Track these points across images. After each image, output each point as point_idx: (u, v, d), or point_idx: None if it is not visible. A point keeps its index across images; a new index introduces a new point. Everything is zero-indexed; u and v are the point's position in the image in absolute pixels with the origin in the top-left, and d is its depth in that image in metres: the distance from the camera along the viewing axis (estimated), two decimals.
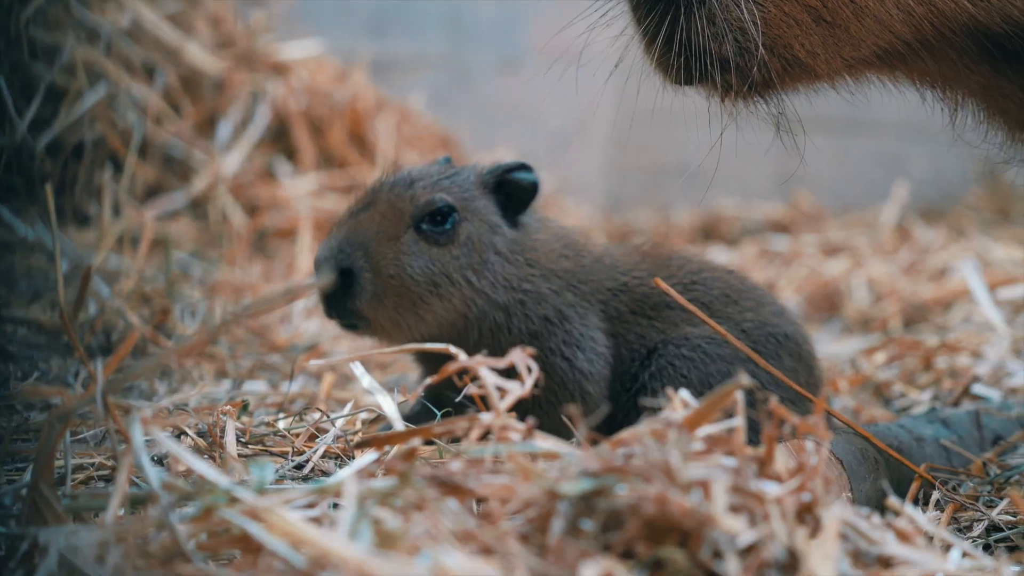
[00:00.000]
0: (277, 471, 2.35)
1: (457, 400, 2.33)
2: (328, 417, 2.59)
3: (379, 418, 2.68)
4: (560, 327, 2.67)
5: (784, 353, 2.72)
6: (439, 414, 2.49)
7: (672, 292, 2.50)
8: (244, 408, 2.74)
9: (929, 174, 7.08)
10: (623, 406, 2.68)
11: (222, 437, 2.39)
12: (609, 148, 7.26)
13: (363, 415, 2.69)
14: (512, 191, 2.71)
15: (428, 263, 2.63)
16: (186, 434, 2.45)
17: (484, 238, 2.67)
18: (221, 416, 2.46)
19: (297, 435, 2.56)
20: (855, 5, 2.33)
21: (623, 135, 6.64)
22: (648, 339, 2.71)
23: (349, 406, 2.66)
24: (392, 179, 2.70)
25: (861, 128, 7.07)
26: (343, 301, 2.62)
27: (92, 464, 2.29)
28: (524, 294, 2.68)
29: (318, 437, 2.54)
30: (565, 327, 2.68)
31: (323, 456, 2.44)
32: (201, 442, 2.42)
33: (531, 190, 2.71)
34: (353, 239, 2.63)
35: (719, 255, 5.69)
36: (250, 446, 2.50)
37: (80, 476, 2.25)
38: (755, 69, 2.38)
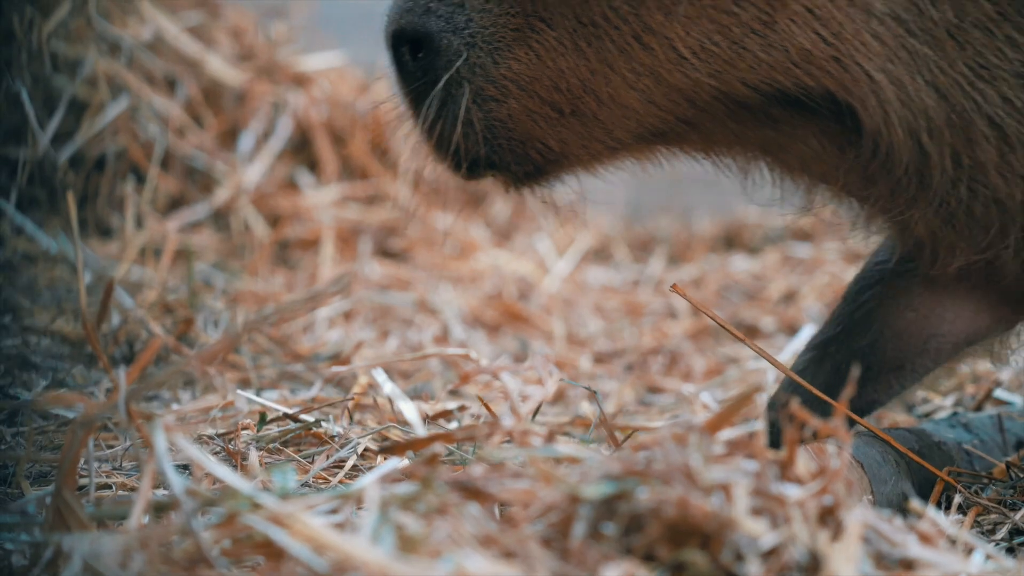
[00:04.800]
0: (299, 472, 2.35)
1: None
2: (353, 439, 2.60)
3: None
4: None
5: None
6: None
7: (705, 308, 2.49)
8: (262, 420, 2.74)
9: None
10: None
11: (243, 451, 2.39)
12: None
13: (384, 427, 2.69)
14: None
15: None
16: (207, 444, 2.46)
17: None
18: (241, 431, 2.46)
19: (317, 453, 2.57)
20: (595, 95, 2.29)
21: None
22: None
23: (370, 433, 2.63)
24: None
25: None
26: None
27: (114, 477, 2.30)
28: None
29: (339, 449, 2.55)
30: None
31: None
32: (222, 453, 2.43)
33: None
34: None
35: (741, 263, 5.69)
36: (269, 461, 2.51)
37: (106, 493, 2.26)
38: (512, 164, 2.37)
